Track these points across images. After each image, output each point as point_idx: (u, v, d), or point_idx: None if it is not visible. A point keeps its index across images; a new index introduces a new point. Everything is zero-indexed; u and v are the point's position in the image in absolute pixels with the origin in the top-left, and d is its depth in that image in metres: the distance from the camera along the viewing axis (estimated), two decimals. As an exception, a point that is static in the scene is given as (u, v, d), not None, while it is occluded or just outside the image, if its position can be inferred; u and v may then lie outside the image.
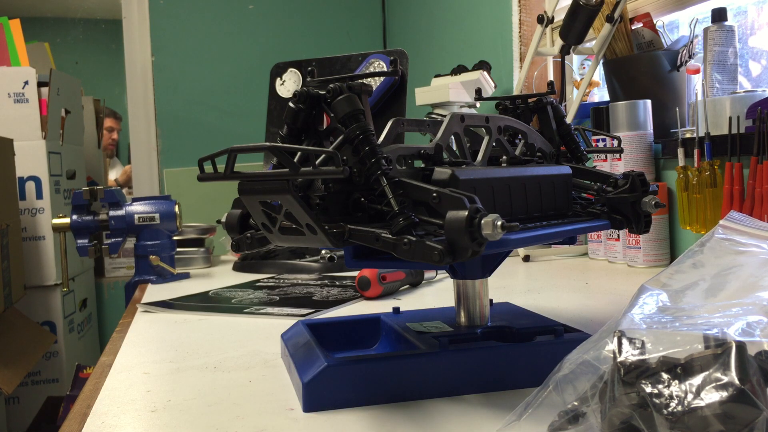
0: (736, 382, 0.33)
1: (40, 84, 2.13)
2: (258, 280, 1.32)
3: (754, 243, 0.43)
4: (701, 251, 0.44)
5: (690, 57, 1.35)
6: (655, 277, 0.45)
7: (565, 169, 0.69)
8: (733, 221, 0.45)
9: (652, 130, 1.33)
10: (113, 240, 1.35)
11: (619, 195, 0.68)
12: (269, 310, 0.98)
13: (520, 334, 0.64)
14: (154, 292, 1.24)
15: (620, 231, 1.34)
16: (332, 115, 0.56)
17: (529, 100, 0.76)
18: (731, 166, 1.12)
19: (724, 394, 0.33)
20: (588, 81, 1.45)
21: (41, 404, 2.10)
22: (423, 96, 1.69)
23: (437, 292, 1.10)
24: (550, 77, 1.89)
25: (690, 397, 0.34)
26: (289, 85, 1.56)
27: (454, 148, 0.64)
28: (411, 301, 1.02)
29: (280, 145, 0.50)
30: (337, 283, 1.22)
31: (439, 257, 0.48)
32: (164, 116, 2.80)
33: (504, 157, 0.68)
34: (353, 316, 0.76)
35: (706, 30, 1.24)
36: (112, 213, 1.35)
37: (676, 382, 0.35)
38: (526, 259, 1.44)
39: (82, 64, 4.23)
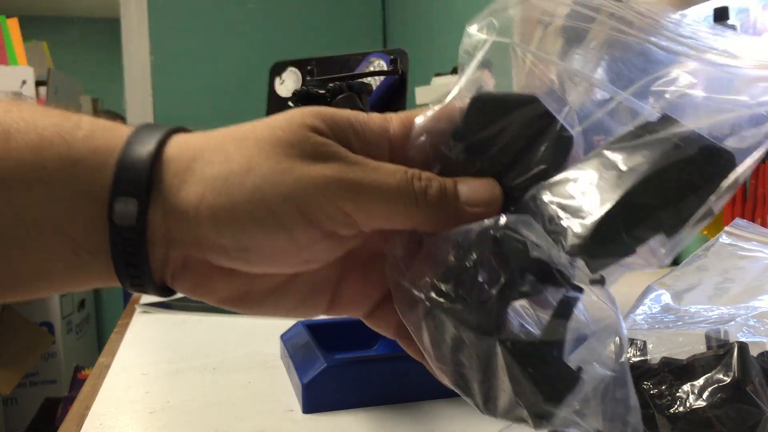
0: (738, 383, 0.33)
1: (38, 83, 2.13)
2: (257, 280, 1.31)
3: (758, 248, 0.43)
4: (705, 255, 0.45)
5: (690, 56, 1.35)
6: (660, 279, 0.45)
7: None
8: (738, 228, 0.45)
9: (651, 130, 1.32)
10: (112, 240, 1.35)
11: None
12: (268, 310, 0.98)
13: (521, 334, 0.64)
14: (153, 292, 1.23)
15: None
16: (332, 114, 0.56)
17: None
18: (731, 165, 1.12)
19: (726, 395, 0.33)
20: (587, 80, 1.45)
21: (39, 405, 2.10)
22: (423, 95, 1.69)
23: (437, 292, 1.09)
24: (550, 77, 1.89)
25: (692, 398, 0.34)
26: (288, 84, 1.55)
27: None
28: (410, 301, 1.02)
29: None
30: (337, 283, 1.22)
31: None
32: (163, 115, 2.80)
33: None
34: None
35: (706, 29, 1.24)
36: (110, 213, 1.34)
37: (678, 382, 0.35)
38: (526, 258, 1.44)
39: (81, 63, 4.22)
